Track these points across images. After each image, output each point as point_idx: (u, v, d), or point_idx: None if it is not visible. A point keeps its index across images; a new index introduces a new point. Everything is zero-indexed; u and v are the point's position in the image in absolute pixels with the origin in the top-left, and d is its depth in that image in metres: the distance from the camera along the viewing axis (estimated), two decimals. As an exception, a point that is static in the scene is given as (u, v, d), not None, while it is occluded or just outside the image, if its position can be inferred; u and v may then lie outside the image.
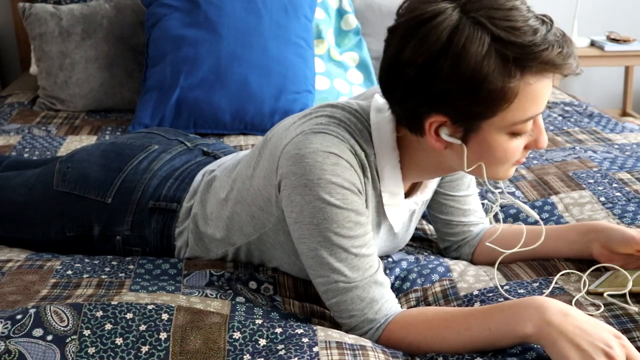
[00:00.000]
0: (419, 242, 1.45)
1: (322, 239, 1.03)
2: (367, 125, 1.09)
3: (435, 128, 1.01)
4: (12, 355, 0.92)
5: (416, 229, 1.49)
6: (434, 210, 1.34)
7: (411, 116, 1.02)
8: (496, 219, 1.44)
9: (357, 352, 0.95)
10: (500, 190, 1.62)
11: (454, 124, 1.00)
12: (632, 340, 0.99)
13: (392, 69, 0.99)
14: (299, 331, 0.99)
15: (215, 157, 1.46)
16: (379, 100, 1.12)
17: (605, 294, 1.08)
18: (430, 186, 1.21)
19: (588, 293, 1.11)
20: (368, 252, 1.05)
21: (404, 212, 1.18)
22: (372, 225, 1.14)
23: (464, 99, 0.96)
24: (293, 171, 1.03)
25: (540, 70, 0.95)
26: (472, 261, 1.33)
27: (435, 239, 1.45)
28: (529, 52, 0.93)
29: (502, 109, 0.97)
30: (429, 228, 1.50)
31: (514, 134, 1.00)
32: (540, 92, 0.97)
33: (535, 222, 1.37)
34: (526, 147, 1.03)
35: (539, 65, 0.94)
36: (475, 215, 1.34)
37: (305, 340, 0.96)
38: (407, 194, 1.19)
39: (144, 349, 0.95)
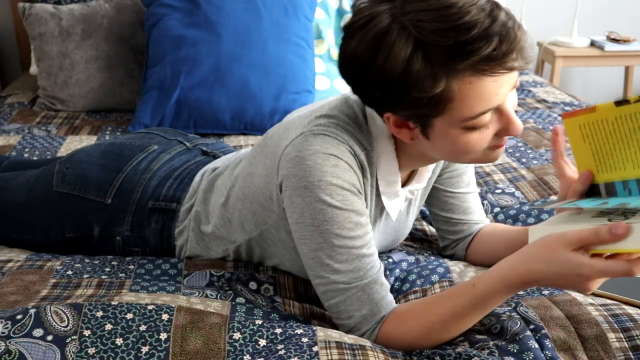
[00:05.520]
0: (420, 242, 1.45)
1: (323, 240, 1.03)
2: (364, 116, 1.10)
3: (394, 122, 1.02)
4: (12, 356, 0.92)
5: (416, 229, 1.49)
6: (435, 207, 1.34)
7: (374, 109, 1.04)
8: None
9: (356, 351, 0.95)
10: (500, 190, 1.62)
11: (408, 121, 1.00)
12: (631, 338, 0.99)
13: (340, 64, 1.01)
14: (299, 331, 0.99)
15: (215, 157, 1.46)
16: None
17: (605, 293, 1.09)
18: (425, 175, 1.21)
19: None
20: (369, 252, 1.05)
21: (401, 200, 1.18)
22: (370, 219, 1.15)
23: (399, 103, 0.96)
24: (294, 173, 1.03)
25: (475, 69, 0.92)
26: (466, 258, 1.33)
27: (436, 239, 1.45)
28: (456, 54, 0.90)
29: (445, 109, 0.95)
30: (429, 229, 1.51)
31: (471, 128, 0.98)
32: (487, 90, 0.94)
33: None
34: (498, 134, 1.01)
35: (470, 66, 0.91)
36: (476, 214, 1.34)
37: (305, 340, 0.96)
38: (404, 184, 1.20)
39: (144, 349, 0.95)
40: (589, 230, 0.87)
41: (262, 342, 0.97)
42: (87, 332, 0.96)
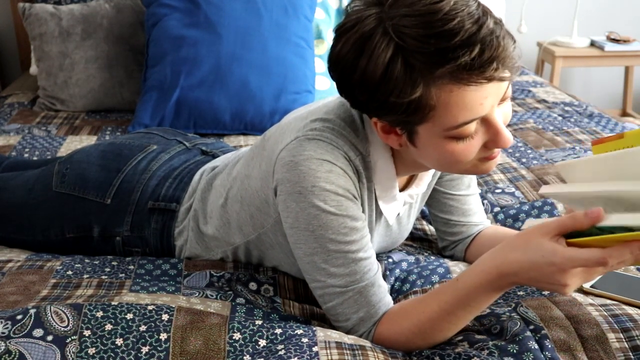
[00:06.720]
0: (419, 242, 1.45)
1: (318, 245, 1.03)
2: (362, 120, 1.09)
3: (381, 127, 1.01)
4: (13, 356, 0.92)
5: (416, 229, 1.49)
6: (434, 208, 1.34)
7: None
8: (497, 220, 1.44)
9: (356, 352, 0.95)
10: (500, 190, 1.62)
11: (394, 127, 1.00)
12: (631, 339, 0.99)
13: (328, 66, 1.00)
14: (299, 331, 0.99)
15: (214, 156, 1.46)
16: None
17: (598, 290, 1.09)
18: (425, 179, 1.20)
19: (584, 292, 1.12)
20: (366, 256, 1.05)
21: (399, 204, 1.18)
22: (368, 221, 1.14)
23: (381, 108, 0.95)
24: (287, 178, 1.03)
25: (454, 77, 0.90)
26: (465, 259, 1.33)
27: (435, 239, 1.45)
28: (435, 61, 0.89)
29: (427, 116, 0.94)
30: (429, 228, 1.51)
31: (456, 138, 0.96)
32: (469, 99, 0.92)
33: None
34: (486, 146, 0.99)
35: (448, 74, 0.89)
36: (475, 216, 1.33)
37: (305, 340, 0.96)
38: (403, 188, 1.19)
39: (144, 349, 0.95)
40: (567, 216, 0.87)
41: (262, 343, 0.97)
42: (87, 332, 0.96)
